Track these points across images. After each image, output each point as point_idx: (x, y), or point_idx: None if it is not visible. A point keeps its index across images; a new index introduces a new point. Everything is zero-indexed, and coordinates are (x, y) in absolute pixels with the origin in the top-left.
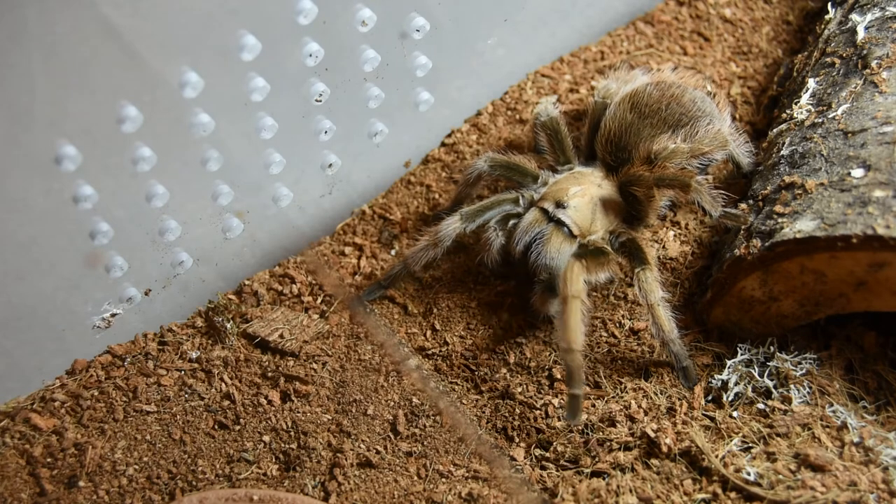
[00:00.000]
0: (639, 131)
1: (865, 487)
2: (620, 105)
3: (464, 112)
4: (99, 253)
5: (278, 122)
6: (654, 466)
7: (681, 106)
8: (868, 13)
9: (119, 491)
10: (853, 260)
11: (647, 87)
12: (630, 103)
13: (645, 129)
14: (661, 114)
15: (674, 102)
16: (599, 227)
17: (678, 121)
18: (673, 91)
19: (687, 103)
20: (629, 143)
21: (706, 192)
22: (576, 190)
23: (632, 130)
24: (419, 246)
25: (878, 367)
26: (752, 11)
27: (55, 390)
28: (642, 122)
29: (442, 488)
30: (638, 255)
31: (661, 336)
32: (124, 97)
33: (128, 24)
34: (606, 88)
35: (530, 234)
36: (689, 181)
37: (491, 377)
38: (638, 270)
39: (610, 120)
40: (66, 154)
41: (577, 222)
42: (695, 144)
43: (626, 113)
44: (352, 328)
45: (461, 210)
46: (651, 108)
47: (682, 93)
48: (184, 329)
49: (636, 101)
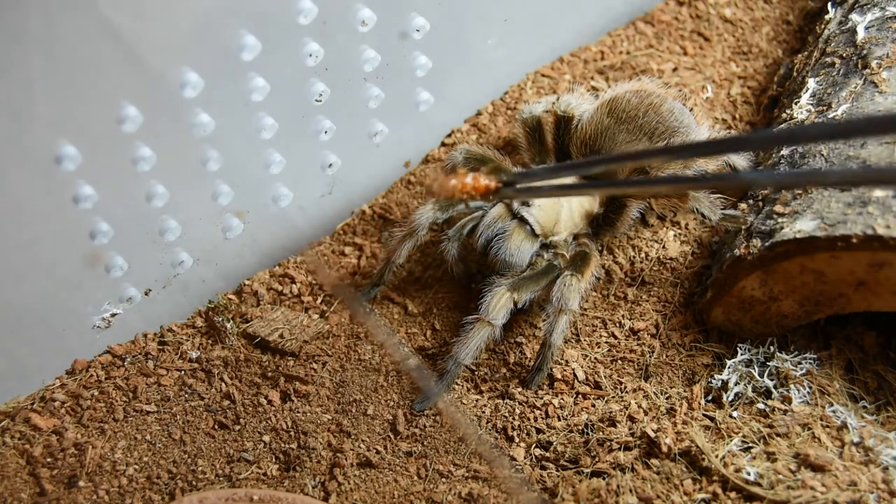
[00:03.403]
0: (614, 136)
1: (865, 487)
2: (599, 110)
3: (464, 112)
4: (99, 253)
5: (278, 122)
6: (654, 466)
7: (658, 115)
8: (868, 13)
9: (119, 491)
10: (853, 260)
11: (626, 94)
12: (608, 108)
13: (621, 134)
14: (637, 121)
15: (651, 111)
16: (563, 230)
17: (654, 128)
18: (652, 100)
19: (664, 113)
20: (604, 147)
21: (704, 198)
22: None
23: (607, 135)
24: (396, 238)
25: (878, 367)
26: (752, 11)
27: (55, 390)
28: (618, 126)
29: (442, 488)
30: (579, 265)
31: (546, 336)
32: (124, 97)
33: (128, 25)
34: (567, 103)
35: (493, 230)
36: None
37: (491, 377)
38: (568, 274)
39: (587, 123)
40: (66, 154)
41: (541, 221)
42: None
43: (603, 117)
44: (352, 328)
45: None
46: (629, 115)
47: (661, 102)
48: (184, 329)
49: (614, 107)
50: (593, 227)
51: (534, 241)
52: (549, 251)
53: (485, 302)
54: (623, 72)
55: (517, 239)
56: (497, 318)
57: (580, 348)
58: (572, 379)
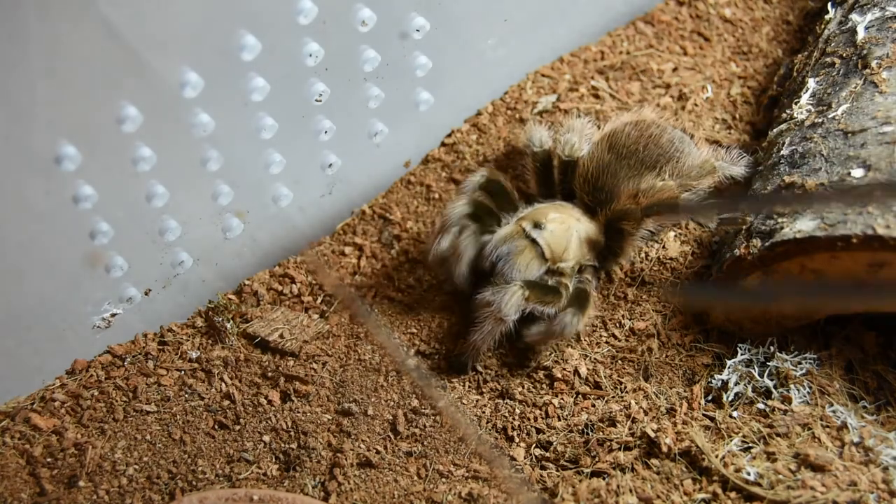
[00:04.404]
0: (616, 172)
1: (865, 487)
2: (599, 145)
3: (464, 112)
4: (99, 253)
5: (278, 122)
6: (654, 466)
7: (658, 146)
8: (868, 13)
9: (119, 491)
10: (853, 260)
11: (625, 128)
12: (609, 143)
13: (622, 170)
14: (638, 155)
15: (651, 143)
16: (571, 257)
17: (656, 161)
18: (651, 131)
19: (665, 143)
20: (607, 183)
21: (696, 207)
22: (555, 216)
23: (609, 171)
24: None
25: (878, 367)
26: (752, 11)
27: (55, 390)
28: (619, 163)
29: (442, 488)
30: (580, 304)
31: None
32: (124, 97)
33: (128, 24)
34: (569, 143)
35: (506, 246)
36: (675, 202)
37: (491, 377)
38: (570, 312)
39: (588, 160)
40: (66, 154)
41: (551, 245)
42: (683, 180)
43: (604, 154)
44: (352, 328)
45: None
46: (629, 150)
47: (661, 133)
48: (184, 329)
49: (614, 142)
50: (599, 258)
51: (542, 263)
52: (555, 278)
53: (497, 298)
54: (623, 72)
55: (527, 256)
56: (509, 313)
57: (580, 348)
58: (572, 379)
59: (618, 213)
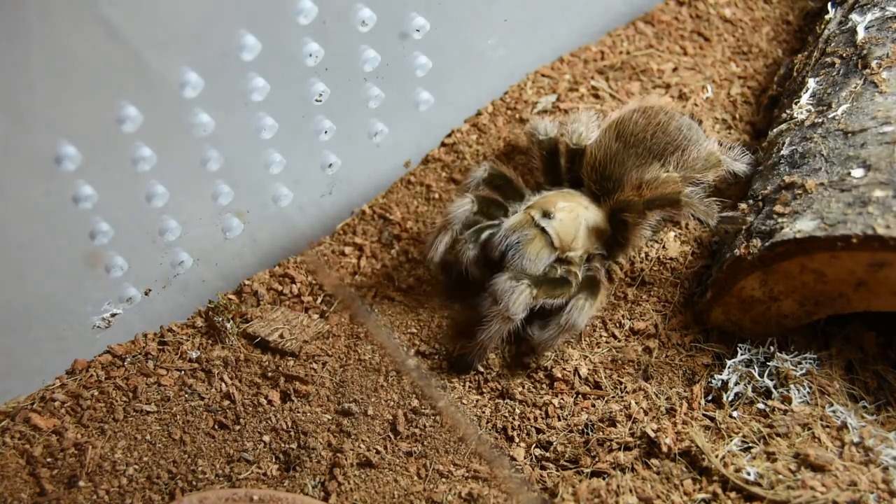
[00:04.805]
0: (624, 161)
1: (865, 487)
2: (606, 133)
3: (464, 112)
4: (99, 253)
5: (278, 122)
6: (654, 466)
7: (667, 135)
8: (868, 13)
9: (119, 491)
10: (853, 260)
11: (633, 115)
12: (616, 132)
13: (630, 158)
14: (646, 143)
15: (659, 131)
16: (580, 246)
17: (664, 150)
18: (660, 118)
19: (673, 132)
20: (614, 172)
21: (698, 203)
22: (564, 205)
23: (617, 160)
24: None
25: (878, 367)
26: (752, 11)
27: (55, 390)
28: (627, 151)
29: (442, 488)
30: (592, 290)
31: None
32: (124, 97)
33: (128, 25)
34: (577, 132)
35: (515, 235)
36: (678, 197)
37: (492, 377)
38: (582, 298)
39: (595, 148)
40: (66, 154)
41: (560, 234)
42: (687, 172)
43: (611, 142)
44: (352, 328)
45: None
46: (637, 138)
47: (669, 120)
48: (184, 329)
49: (622, 130)
50: (607, 247)
51: (552, 251)
52: (563, 266)
53: (505, 296)
54: (623, 72)
55: (537, 245)
56: (517, 312)
57: (580, 348)
58: (572, 379)
59: (620, 203)
